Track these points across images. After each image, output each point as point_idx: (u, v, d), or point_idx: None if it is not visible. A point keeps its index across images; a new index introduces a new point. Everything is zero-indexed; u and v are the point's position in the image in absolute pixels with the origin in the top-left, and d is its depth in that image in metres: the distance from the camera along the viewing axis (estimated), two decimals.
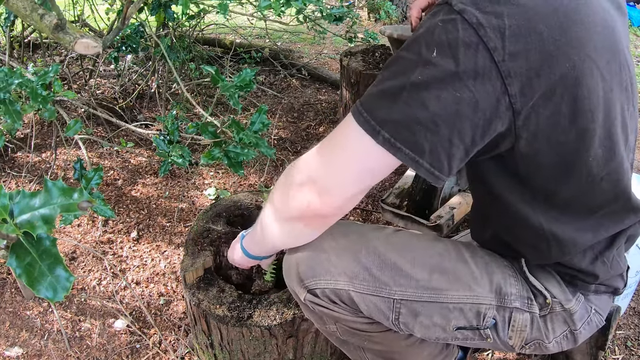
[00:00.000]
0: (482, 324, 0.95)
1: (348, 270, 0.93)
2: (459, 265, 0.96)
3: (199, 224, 1.45)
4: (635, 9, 5.15)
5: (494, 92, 0.70)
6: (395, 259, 0.94)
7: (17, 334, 1.57)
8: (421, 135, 0.71)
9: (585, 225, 0.88)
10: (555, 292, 0.95)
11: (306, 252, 0.97)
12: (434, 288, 0.93)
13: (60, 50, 3.28)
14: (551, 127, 0.74)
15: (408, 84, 0.71)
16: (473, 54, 0.68)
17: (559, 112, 0.73)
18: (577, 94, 0.73)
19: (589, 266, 0.93)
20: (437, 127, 0.71)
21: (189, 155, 1.35)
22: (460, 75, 0.69)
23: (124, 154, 2.48)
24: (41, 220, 0.60)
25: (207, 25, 3.37)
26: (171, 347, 1.52)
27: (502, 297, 0.95)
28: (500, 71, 0.68)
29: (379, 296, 0.93)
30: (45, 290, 0.60)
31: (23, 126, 2.61)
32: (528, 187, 0.84)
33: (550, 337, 0.97)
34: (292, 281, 0.99)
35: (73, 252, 1.88)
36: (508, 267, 0.99)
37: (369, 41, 2.55)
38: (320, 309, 0.97)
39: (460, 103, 0.69)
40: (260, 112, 1.30)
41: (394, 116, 0.72)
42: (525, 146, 0.76)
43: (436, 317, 0.94)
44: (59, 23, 1.10)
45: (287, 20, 2.94)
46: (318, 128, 2.79)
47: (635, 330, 1.59)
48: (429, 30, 0.71)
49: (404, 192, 1.90)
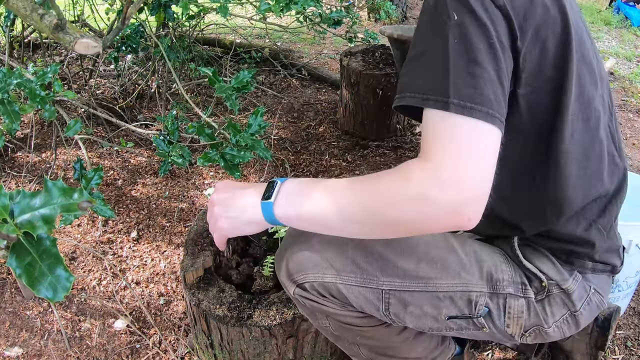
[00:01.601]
0: (474, 312, 0.95)
1: (335, 263, 0.94)
2: (447, 254, 0.95)
3: (199, 224, 1.45)
4: (635, 9, 5.15)
5: (507, 33, 0.74)
6: (382, 250, 0.94)
7: (17, 334, 1.57)
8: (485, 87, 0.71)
9: (578, 181, 0.90)
10: (550, 274, 0.95)
11: (295, 247, 0.98)
12: (421, 277, 0.93)
13: (60, 50, 3.28)
14: (541, 64, 0.79)
15: (450, 48, 0.72)
16: (482, 3, 0.72)
17: (545, 49, 0.78)
18: (558, 31, 0.79)
19: (584, 233, 0.93)
20: (489, 74, 0.72)
21: (189, 155, 1.35)
22: (484, 22, 0.72)
23: (124, 154, 2.48)
24: (41, 220, 0.60)
25: (207, 25, 3.37)
26: (171, 347, 1.52)
27: (493, 284, 0.95)
28: (503, 14, 0.73)
29: (367, 287, 0.94)
30: (45, 290, 0.60)
31: (23, 126, 2.61)
32: (529, 138, 0.86)
33: (549, 321, 0.96)
34: (283, 276, 1.00)
35: (73, 252, 1.88)
36: (499, 254, 0.99)
37: (369, 41, 2.56)
38: (310, 303, 0.98)
39: (492, 46, 0.72)
40: (257, 114, 1.29)
41: (458, 82, 0.71)
42: (524, 87, 0.80)
43: (426, 307, 0.94)
44: (59, 23, 1.10)
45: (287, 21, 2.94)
46: (318, 128, 2.79)
47: (635, 330, 1.59)
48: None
49: None
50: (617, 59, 4.06)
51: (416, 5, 5.31)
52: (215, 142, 1.28)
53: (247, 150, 1.27)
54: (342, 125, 2.76)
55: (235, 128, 1.27)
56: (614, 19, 5.15)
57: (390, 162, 2.46)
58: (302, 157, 2.51)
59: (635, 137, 2.83)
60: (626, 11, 5.19)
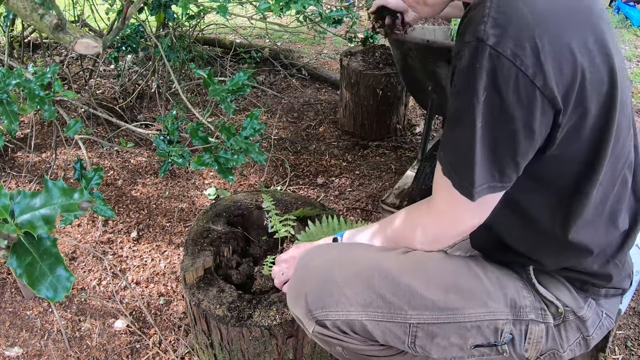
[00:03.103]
0: (499, 339, 0.94)
1: (360, 298, 0.92)
2: (472, 282, 0.94)
3: (199, 224, 1.45)
4: (635, 9, 5.15)
5: (545, 116, 0.75)
6: (409, 281, 0.92)
7: (17, 334, 1.57)
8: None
9: (598, 224, 0.89)
10: (566, 301, 0.94)
11: (315, 281, 0.95)
12: (450, 308, 0.92)
13: (60, 50, 3.28)
14: (580, 127, 0.79)
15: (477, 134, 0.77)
16: (514, 85, 0.72)
17: (587, 112, 0.78)
18: (604, 92, 0.78)
19: (601, 269, 0.93)
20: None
21: (189, 155, 1.35)
22: (510, 110, 0.75)
23: (124, 154, 2.48)
24: (42, 220, 0.60)
25: (207, 25, 3.37)
26: (171, 347, 1.52)
27: (517, 311, 0.94)
28: (544, 93, 0.73)
29: (394, 322, 0.92)
30: (45, 290, 0.60)
31: (23, 126, 2.61)
32: (555, 190, 0.87)
33: (564, 346, 0.96)
34: (299, 311, 0.97)
35: (73, 252, 1.88)
36: (518, 279, 0.98)
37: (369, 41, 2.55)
38: (328, 339, 0.96)
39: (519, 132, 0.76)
40: (252, 117, 1.28)
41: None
42: (557, 148, 0.80)
43: (453, 337, 0.93)
44: (59, 23, 1.10)
45: (287, 21, 2.94)
46: (318, 128, 2.79)
47: (635, 330, 1.59)
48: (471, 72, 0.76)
49: (404, 193, 1.91)
50: None
51: None
52: (210, 145, 1.27)
53: (241, 154, 1.26)
54: (342, 125, 2.76)
55: (229, 131, 1.26)
56: (614, 19, 5.15)
57: (390, 162, 2.46)
58: (302, 157, 2.51)
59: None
60: (626, 11, 5.19)
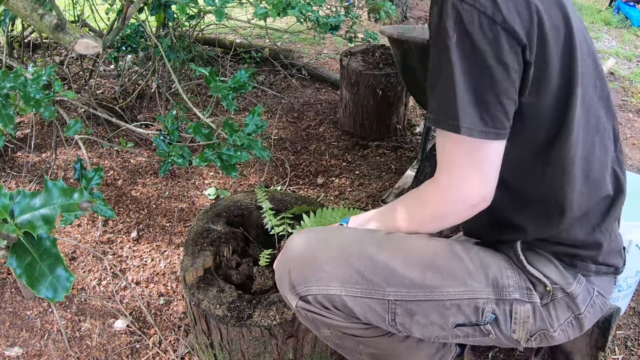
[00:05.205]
0: (481, 319, 0.94)
1: (340, 274, 0.94)
2: (452, 262, 0.95)
3: (199, 224, 1.45)
4: (635, 9, 5.15)
5: (511, 49, 0.79)
6: (387, 260, 0.94)
7: (17, 334, 1.57)
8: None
9: (583, 186, 0.91)
10: (554, 278, 0.95)
11: (298, 259, 0.97)
12: (428, 286, 0.93)
13: (60, 50, 3.28)
14: (546, 73, 0.82)
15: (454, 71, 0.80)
16: (478, 25, 0.78)
17: (550, 58, 0.82)
18: (562, 40, 0.83)
19: (588, 236, 0.94)
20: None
21: (189, 155, 1.35)
22: (479, 45, 0.79)
23: (124, 154, 2.48)
24: (41, 221, 0.60)
25: (207, 25, 3.37)
26: (171, 347, 1.52)
27: (499, 290, 0.95)
28: (506, 29, 0.78)
29: (373, 298, 0.93)
30: (45, 290, 0.60)
31: (23, 126, 2.62)
32: (534, 143, 0.89)
33: (555, 325, 0.96)
34: (284, 288, 0.99)
35: (73, 252, 1.88)
36: (503, 260, 0.99)
37: (369, 41, 2.55)
38: (312, 315, 0.98)
39: (493, 66, 0.79)
40: (254, 114, 1.29)
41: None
42: (529, 96, 0.84)
43: (433, 316, 0.94)
44: (59, 23, 1.10)
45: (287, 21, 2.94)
46: (318, 128, 2.79)
47: (635, 330, 1.59)
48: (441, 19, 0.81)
49: (404, 192, 1.91)
50: (617, 59, 4.06)
51: (416, 6, 5.31)
52: (212, 142, 1.28)
53: (244, 150, 1.26)
54: (342, 125, 2.76)
55: (232, 127, 1.26)
56: (614, 19, 5.16)
57: (390, 162, 2.46)
58: (302, 157, 2.51)
59: (636, 137, 2.83)
60: (626, 11, 5.19)
